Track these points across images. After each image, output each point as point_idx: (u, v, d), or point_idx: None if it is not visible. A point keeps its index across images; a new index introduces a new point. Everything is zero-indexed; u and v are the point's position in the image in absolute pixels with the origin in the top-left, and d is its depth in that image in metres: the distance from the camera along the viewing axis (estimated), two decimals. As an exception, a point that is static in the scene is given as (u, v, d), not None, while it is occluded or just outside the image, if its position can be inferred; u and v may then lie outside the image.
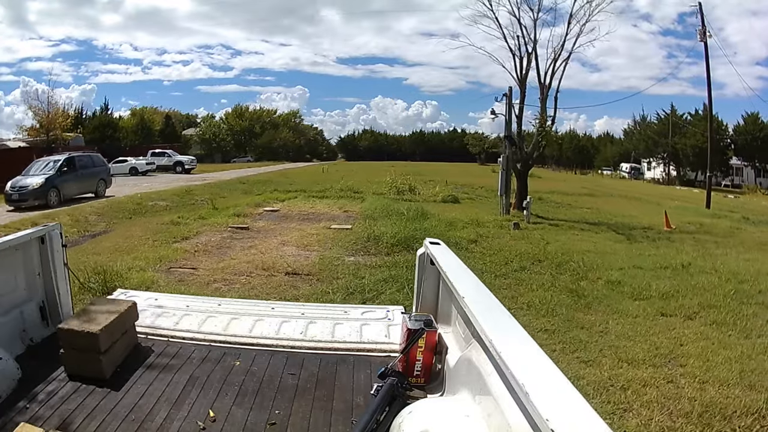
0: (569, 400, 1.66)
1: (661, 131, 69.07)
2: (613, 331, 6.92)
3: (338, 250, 11.70)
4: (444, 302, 3.73)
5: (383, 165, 53.26)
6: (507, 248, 12.18)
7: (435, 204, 22.18)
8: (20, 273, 3.93)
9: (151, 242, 12.53)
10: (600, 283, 9.29)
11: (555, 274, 9.90)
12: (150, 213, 18.83)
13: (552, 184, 35.43)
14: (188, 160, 50.87)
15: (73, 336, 3.33)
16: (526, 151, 21.31)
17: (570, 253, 11.66)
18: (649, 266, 10.67)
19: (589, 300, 8.22)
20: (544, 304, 7.94)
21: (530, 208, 18.12)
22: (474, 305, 2.60)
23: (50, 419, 2.84)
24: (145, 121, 76.11)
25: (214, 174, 42.11)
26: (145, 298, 4.67)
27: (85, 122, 64.15)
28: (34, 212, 18.01)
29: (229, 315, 4.36)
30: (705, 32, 31.74)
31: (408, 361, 3.27)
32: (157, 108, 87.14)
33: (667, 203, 28.26)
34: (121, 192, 24.42)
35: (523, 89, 21.55)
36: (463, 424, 2.29)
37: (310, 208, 19.20)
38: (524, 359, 1.93)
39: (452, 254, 3.72)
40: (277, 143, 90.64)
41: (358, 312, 4.57)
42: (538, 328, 6.82)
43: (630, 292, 8.69)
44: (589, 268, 10.27)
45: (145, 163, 44.80)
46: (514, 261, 10.88)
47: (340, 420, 2.93)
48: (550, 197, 27.09)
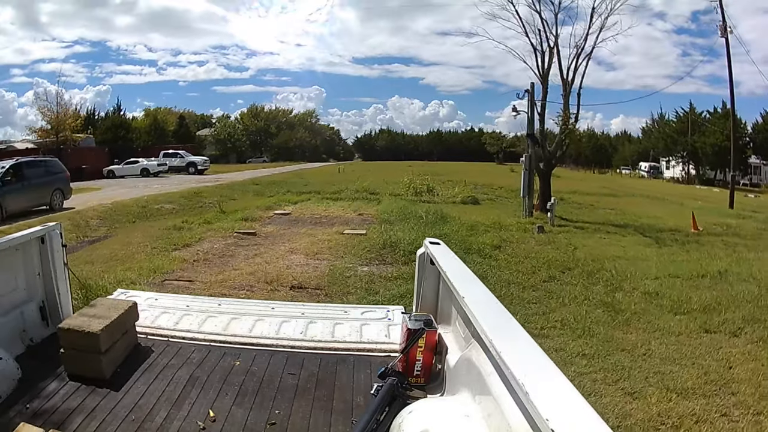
0: (569, 400, 1.64)
1: (680, 129, 67.79)
2: (657, 353, 6.41)
3: (351, 258, 11.06)
4: (444, 302, 3.71)
5: (400, 165, 53.20)
6: (533, 255, 11.64)
7: (454, 206, 21.66)
8: (20, 273, 3.95)
9: (149, 250, 11.93)
10: (636, 294, 8.76)
11: (587, 284, 9.39)
12: (155, 217, 18.18)
13: (572, 184, 34.63)
14: (201, 160, 50.45)
15: (73, 336, 3.33)
16: (549, 150, 20.36)
17: (600, 260, 11.24)
18: (685, 274, 10.15)
19: (627, 316, 7.70)
20: (579, 321, 7.40)
21: (554, 210, 16.88)
22: (474, 305, 2.59)
23: (50, 419, 2.83)
24: (158, 122, 75.95)
25: (228, 175, 41.87)
26: (145, 298, 4.69)
27: (97, 123, 64.22)
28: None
29: (229, 315, 4.36)
30: (726, 27, 30.49)
31: (408, 361, 3.26)
32: (171, 108, 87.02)
33: (689, 203, 27.66)
34: (128, 195, 23.56)
35: (545, 86, 20.97)
36: (463, 424, 2.28)
37: (323, 211, 18.34)
38: (524, 359, 1.91)
39: (452, 254, 3.66)
40: (293, 143, 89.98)
41: (358, 312, 4.57)
42: (575, 352, 6.30)
43: (669, 305, 8.18)
44: (622, 277, 9.77)
45: (156, 164, 44.39)
46: (542, 270, 10.29)
47: (340, 420, 2.93)
48: (572, 198, 26.56)
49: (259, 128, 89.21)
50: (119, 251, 11.73)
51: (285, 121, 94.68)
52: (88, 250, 12.25)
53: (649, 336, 6.91)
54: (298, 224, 15.91)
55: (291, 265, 10.32)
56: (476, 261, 10.49)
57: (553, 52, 21.07)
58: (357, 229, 14.32)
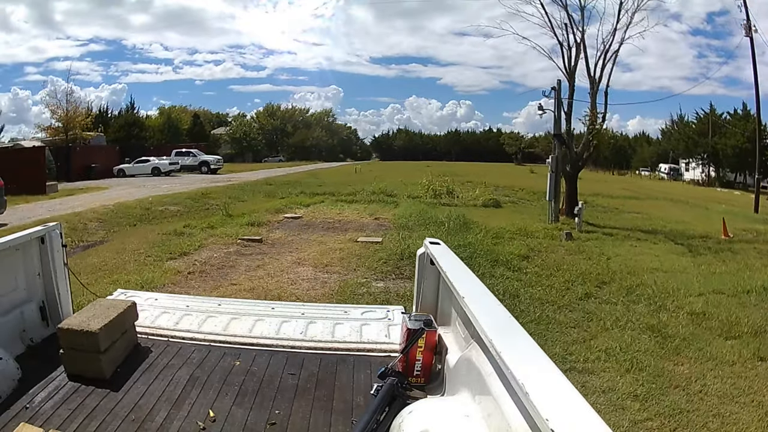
0: (569, 400, 1.64)
1: (700, 131, 67.00)
2: (713, 389, 5.81)
3: (364, 272, 10.23)
4: (444, 302, 3.71)
5: (418, 165, 52.87)
6: (565, 266, 10.98)
7: (476, 209, 21.08)
8: (20, 273, 3.97)
9: (142, 259, 11.09)
10: (682, 315, 8.14)
11: (627, 302, 8.75)
12: (158, 219, 17.34)
13: (593, 186, 33.54)
14: (214, 159, 49.83)
15: (73, 336, 3.32)
16: (576, 151, 18.96)
17: (637, 272, 10.69)
18: (728, 290, 9.57)
19: (676, 342, 7.09)
20: (625, 350, 6.75)
21: (582, 214, 15.70)
22: (473, 305, 2.58)
23: (50, 419, 2.83)
24: (172, 120, 76.09)
25: (241, 174, 41.71)
26: (145, 298, 4.69)
27: (110, 121, 64.00)
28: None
29: (229, 315, 4.35)
30: (750, 27, 29.45)
31: (408, 361, 3.22)
32: (187, 107, 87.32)
33: (713, 207, 27.33)
34: (134, 195, 22.66)
35: (572, 83, 20.26)
36: (462, 424, 2.27)
37: (336, 215, 17.34)
38: (524, 359, 1.91)
39: (452, 254, 3.63)
40: (309, 143, 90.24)
41: (358, 312, 4.56)
42: (626, 393, 5.66)
43: (718, 328, 7.62)
44: (665, 294, 9.16)
45: (168, 163, 43.93)
46: (577, 284, 9.61)
47: (340, 420, 2.91)
48: (595, 200, 26.08)
49: (275, 127, 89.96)
50: (110, 260, 10.97)
51: (301, 120, 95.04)
52: (80, 257, 11.40)
53: (702, 367, 6.39)
54: (308, 230, 15.13)
55: (297, 280, 9.53)
56: (505, 275, 10.07)
57: (579, 48, 20.12)
58: (372, 236, 13.38)
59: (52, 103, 48.29)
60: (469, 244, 11.66)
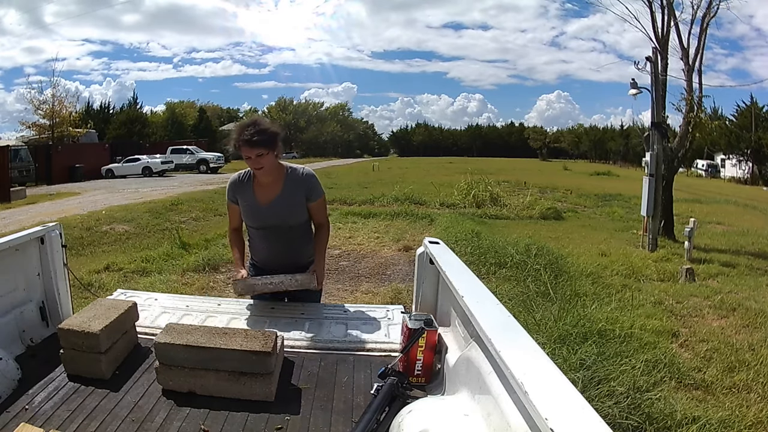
0: (569, 400, 1.63)
1: (742, 125, 62.01)
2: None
3: None
4: (443, 302, 3.71)
5: (441, 161, 50.08)
6: (726, 348, 6.48)
7: (535, 224, 17.48)
8: (20, 273, 3.97)
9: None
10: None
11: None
12: (94, 245, 13.46)
13: (635, 186, 26.98)
14: (214, 157, 47.11)
15: (73, 336, 3.30)
16: (670, 147, 13.48)
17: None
18: None
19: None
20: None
21: (693, 237, 12.34)
22: (473, 305, 2.61)
23: (50, 419, 2.80)
24: (176, 116, 74.10)
25: None
26: (145, 298, 4.59)
27: (112, 118, 61.60)
28: None
29: (229, 315, 4.22)
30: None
31: (408, 360, 3.22)
32: (194, 102, 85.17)
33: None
34: (100, 204, 18.04)
35: (664, 56, 14.92)
36: (462, 424, 2.28)
37: (345, 240, 12.50)
38: (523, 359, 1.91)
39: (452, 253, 3.62)
40: (324, 138, 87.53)
41: (358, 311, 4.43)
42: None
43: None
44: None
45: (160, 161, 41.77)
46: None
47: (340, 420, 2.88)
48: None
49: (287, 122, 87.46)
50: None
51: (315, 115, 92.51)
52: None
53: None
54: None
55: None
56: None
57: (670, 12, 15.56)
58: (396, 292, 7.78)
59: (35, 98, 46.07)
60: (586, 319, 6.34)
